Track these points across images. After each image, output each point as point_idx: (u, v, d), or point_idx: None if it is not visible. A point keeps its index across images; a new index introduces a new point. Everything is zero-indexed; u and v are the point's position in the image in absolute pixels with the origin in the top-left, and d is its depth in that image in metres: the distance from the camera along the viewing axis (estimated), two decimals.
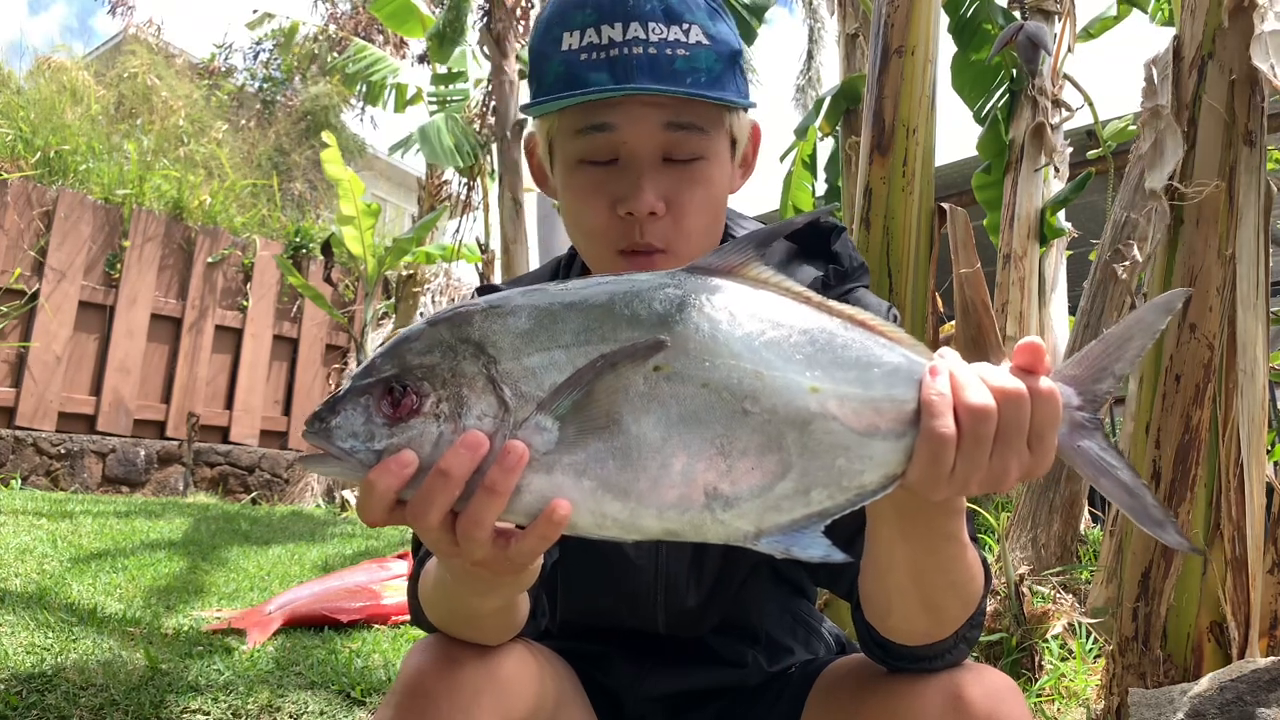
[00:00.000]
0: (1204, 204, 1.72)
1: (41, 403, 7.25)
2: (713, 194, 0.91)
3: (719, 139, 0.91)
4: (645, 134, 0.88)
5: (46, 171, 7.80)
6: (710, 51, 0.88)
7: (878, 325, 0.65)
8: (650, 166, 0.88)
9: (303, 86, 13.54)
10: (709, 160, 0.90)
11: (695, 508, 0.60)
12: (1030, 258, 4.19)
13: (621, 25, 0.86)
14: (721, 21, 0.90)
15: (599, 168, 0.90)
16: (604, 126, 0.88)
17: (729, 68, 0.89)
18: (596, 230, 0.91)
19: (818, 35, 13.85)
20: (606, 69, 0.86)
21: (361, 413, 0.60)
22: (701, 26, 0.88)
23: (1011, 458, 0.62)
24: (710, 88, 0.87)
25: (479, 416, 0.59)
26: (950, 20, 4.38)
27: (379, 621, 2.73)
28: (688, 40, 0.87)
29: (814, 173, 5.13)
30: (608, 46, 0.86)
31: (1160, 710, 1.52)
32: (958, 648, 0.81)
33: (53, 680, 1.91)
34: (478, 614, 0.81)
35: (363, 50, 7.68)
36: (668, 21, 0.86)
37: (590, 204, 0.90)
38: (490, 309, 0.62)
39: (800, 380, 0.61)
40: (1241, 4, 1.74)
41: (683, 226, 0.89)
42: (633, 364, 0.59)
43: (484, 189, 7.87)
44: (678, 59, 0.86)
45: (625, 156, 0.89)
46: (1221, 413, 1.70)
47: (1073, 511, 2.97)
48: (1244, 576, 1.68)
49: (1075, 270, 4.37)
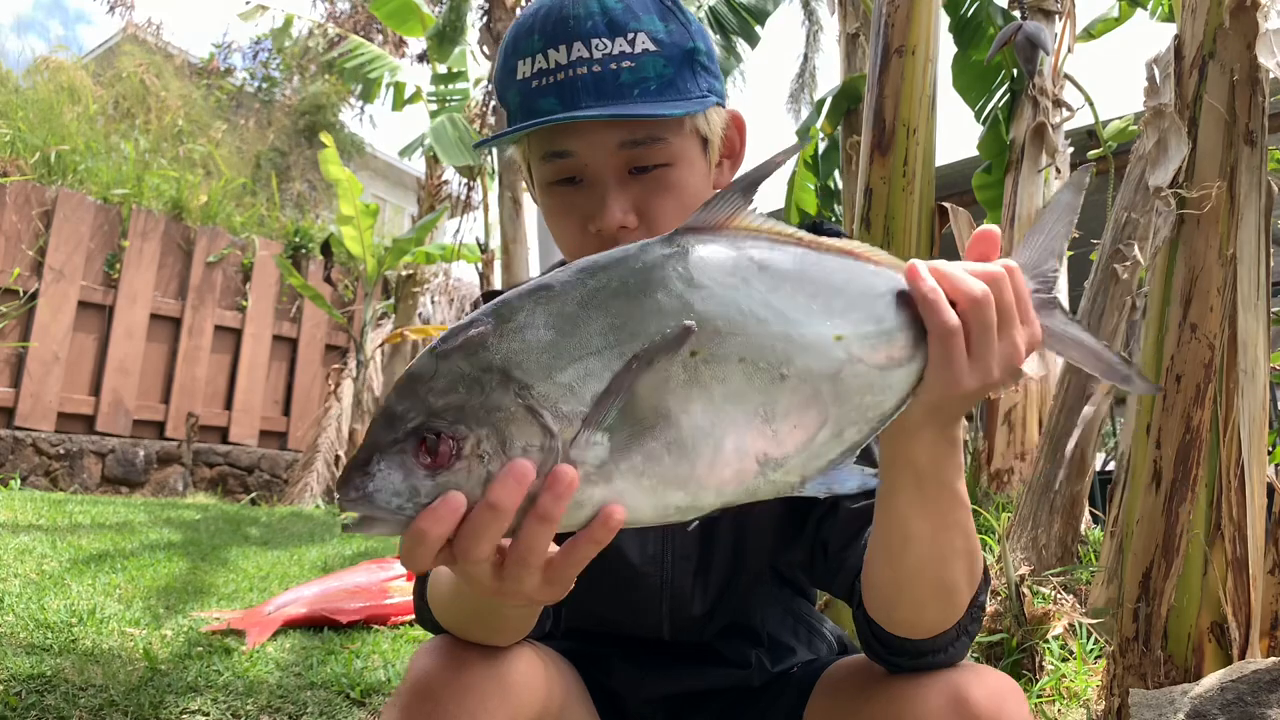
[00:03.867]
0: (1205, 204, 1.72)
1: (41, 403, 7.25)
2: (685, 198, 0.90)
3: (682, 142, 0.90)
4: (602, 156, 0.87)
5: (46, 171, 7.79)
6: (658, 58, 0.86)
7: (861, 251, 0.66)
8: (615, 183, 0.88)
9: (301, 85, 13.53)
10: (676, 165, 0.89)
11: (750, 477, 0.60)
12: None
13: (565, 47, 0.85)
14: (674, 19, 0.89)
15: (568, 188, 0.90)
16: (563, 154, 0.88)
17: (682, 68, 0.88)
18: (573, 249, 0.91)
19: (814, 37, 13.87)
20: (555, 94, 0.85)
21: (399, 469, 0.57)
22: (649, 32, 0.86)
23: (1016, 334, 0.65)
24: (661, 95, 0.86)
25: (524, 448, 0.56)
26: (950, 20, 4.39)
27: (379, 622, 2.73)
28: (633, 50, 0.85)
29: (817, 173, 5.14)
30: (554, 70, 0.86)
31: (1161, 711, 1.52)
32: (959, 641, 0.81)
33: (53, 680, 1.91)
34: (501, 620, 0.81)
35: (360, 47, 7.68)
36: (611, 34, 0.85)
37: (564, 225, 0.92)
38: (501, 325, 0.58)
39: (824, 331, 0.61)
40: (1242, 3, 1.74)
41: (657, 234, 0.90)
42: (668, 356, 0.58)
43: (484, 189, 7.87)
44: (623, 72, 0.85)
45: (589, 176, 0.89)
46: (1222, 413, 1.70)
47: (1073, 512, 2.97)
48: (1245, 577, 1.68)
49: (1075, 270, 4.36)
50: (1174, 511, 1.71)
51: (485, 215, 7.86)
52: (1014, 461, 3.79)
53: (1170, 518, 1.71)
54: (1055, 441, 2.97)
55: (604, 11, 0.86)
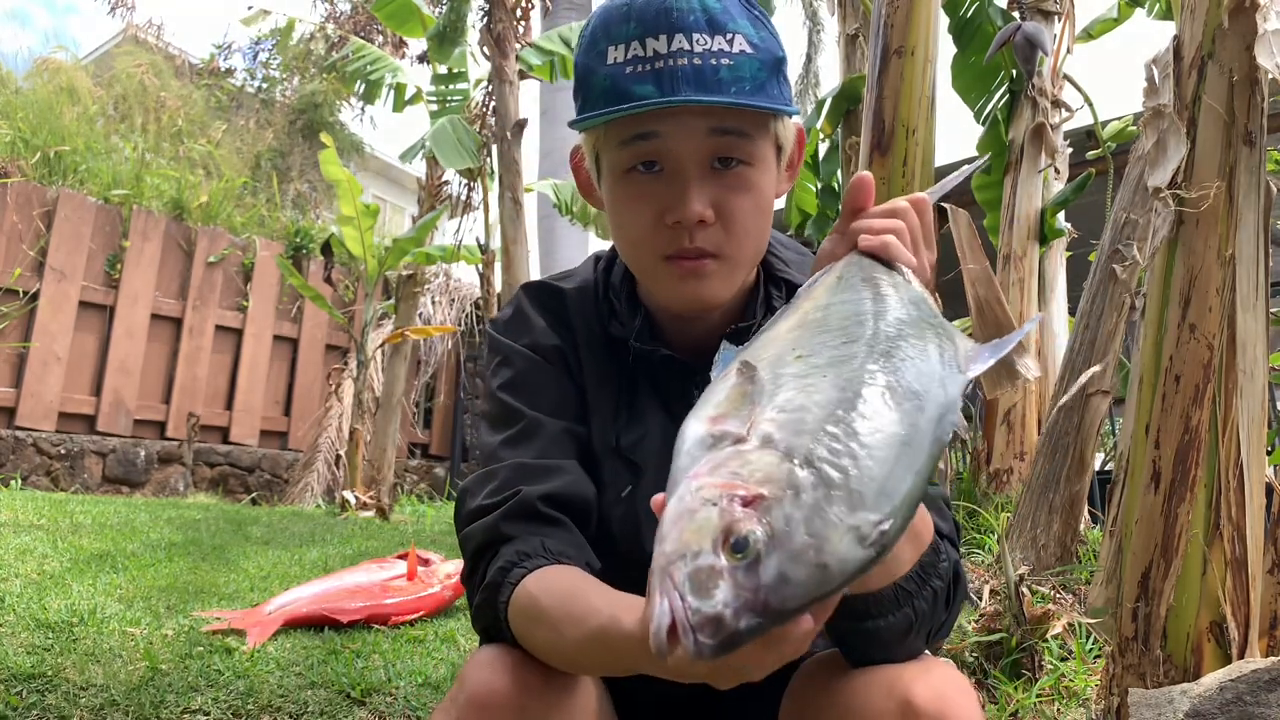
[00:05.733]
0: (1204, 204, 1.73)
1: (41, 403, 7.25)
2: (760, 200, 0.92)
3: (764, 144, 0.92)
4: (691, 140, 0.88)
5: (47, 172, 7.80)
6: (754, 60, 0.88)
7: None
8: (696, 174, 0.89)
9: (300, 84, 13.53)
10: (754, 166, 0.91)
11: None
12: (1030, 258, 4.18)
13: (666, 37, 0.86)
14: (764, 29, 0.91)
15: (646, 176, 0.90)
16: (650, 135, 0.89)
17: (772, 75, 0.90)
18: (643, 238, 0.91)
19: (816, 38, 13.87)
20: (652, 81, 0.86)
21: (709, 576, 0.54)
22: (745, 35, 0.88)
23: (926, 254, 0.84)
24: (754, 96, 0.88)
25: None
26: (950, 20, 4.38)
27: (379, 622, 2.74)
28: (731, 50, 0.87)
29: (818, 173, 5.13)
30: (653, 59, 0.86)
31: (1160, 710, 1.52)
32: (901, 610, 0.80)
33: (53, 680, 1.91)
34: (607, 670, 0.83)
35: (361, 49, 7.68)
36: (711, 32, 0.87)
37: (637, 212, 0.91)
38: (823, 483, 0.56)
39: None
40: (1242, 4, 1.74)
41: (733, 233, 0.91)
42: None
43: (484, 189, 7.87)
44: (722, 69, 0.86)
45: (671, 164, 0.89)
46: (1221, 413, 1.70)
47: (1072, 512, 2.97)
48: (1244, 577, 1.68)
49: (1075, 270, 4.36)
50: (1173, 511, 1.71)
51: (485, 216, 7.86)
52: (1013, 461, 3.79)
53: (1169, 518, 1.71)
54: (1054, 441, 2.98)
55: (704, 9, 0.87)
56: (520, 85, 6.68)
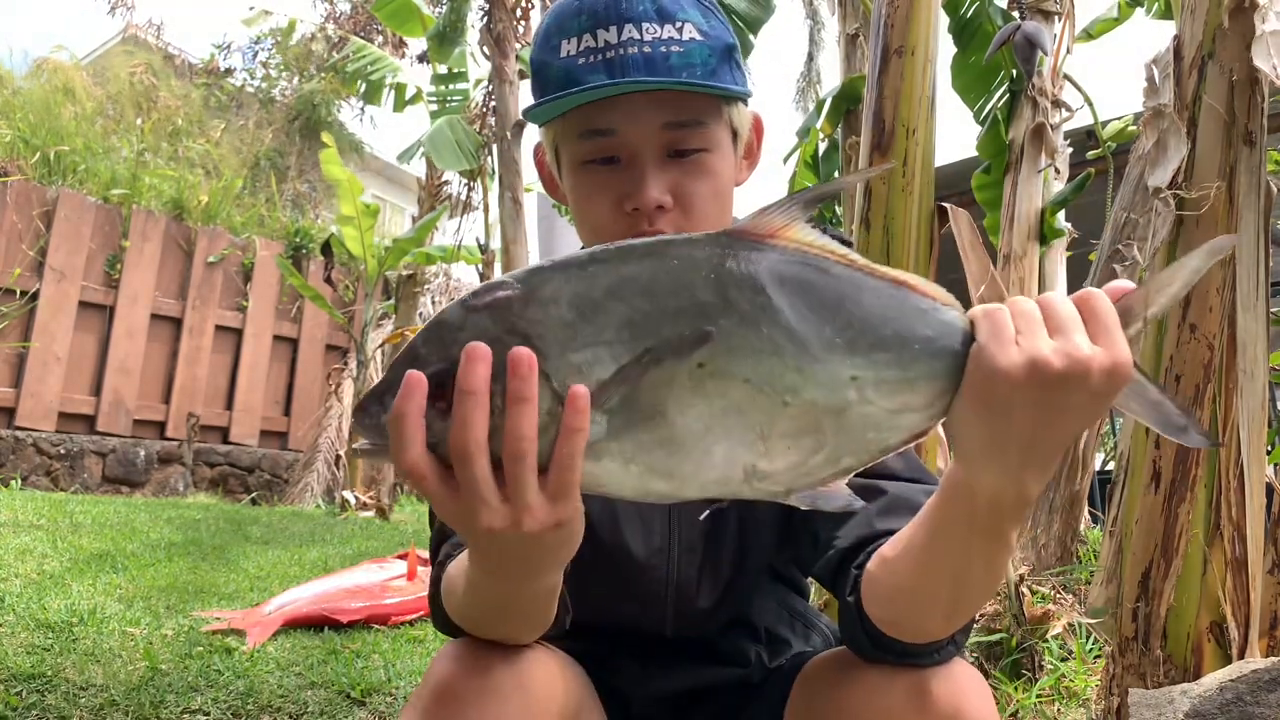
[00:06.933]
0: (1204, 204, 1.73)
1: (41, 403, 7.25)
2: (718, 185, 0.93)
3: (720, 130, 0.93)
4: (646, 135, 0.89)
5: (46, 172, 7.80)
6: (704, 46, 0.90)
7: (915, 284, 0.64)
8: (653, 163, 0.90)
9: (300, 84, 13.53)
10: (712, 152, 0.92)
11: (735, 482, 0.62)
12: (1030, 258, 4.18)
13: (616, 28, 0.88)
14: (714, 17, 0.93)
15: (603, 167, 0.91)
16: (605, 131, 0.90)
17: (723, 61, 0.91)
18: (603, 225, 0.92)
19: (818, 37, 13.87)
20: (604, 69, 0.87)
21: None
22: (694, 23, 0.90)
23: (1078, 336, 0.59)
24: (706, 79, 0.89)
25: None
26: (950, 20, 4.38)
27: (379, 622, 2.74)
28: (681, 37, 0.89)
29: (818, 173, 5.13)
30: (604, 49, 0.88)
31: (1160, 710, 1.52)
32: (945, 649, 0.81)
33: (53, 680, 1.91)
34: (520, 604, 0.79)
35: (362, 49, 7.68)
36: (661, 21, 0.88)
37: (596, 203, 0.92)
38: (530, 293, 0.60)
39: (840, 372, 0.61)
40: (1241, 4, 1.74)
41: (692, 218, 0.91)
42: (677, 359, 0.60)
43: (484, 189, 7.87)
44: (672, 55, 0.88)
45: (628, 157, 0.90)
46: (1221, 413, 1.70)
47: (1073, 512, 2.97)
48: (1244, 577, 1.68)
49: (1075, 270, 4.36)
50: (1173, 511, 1.71)
51: (485, 216, 7.87)
52: None
53: (1169, 518, 1.71)
54: None
55: (654, 0, 0.89)
56: (520, 85, 6.68)
